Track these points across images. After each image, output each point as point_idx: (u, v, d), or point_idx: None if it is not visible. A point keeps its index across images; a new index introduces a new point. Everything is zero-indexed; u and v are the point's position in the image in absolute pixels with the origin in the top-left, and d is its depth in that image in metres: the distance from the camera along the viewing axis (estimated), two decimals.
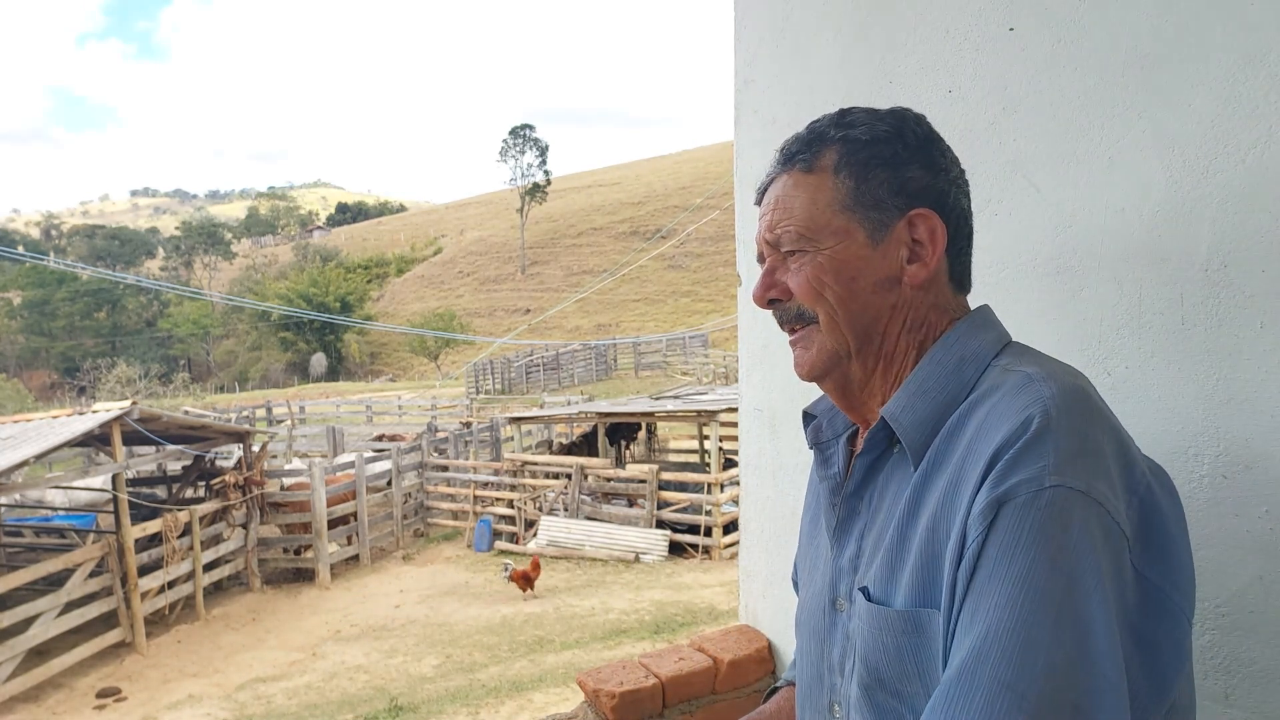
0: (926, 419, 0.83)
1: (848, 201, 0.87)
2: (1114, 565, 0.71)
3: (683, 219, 60.62)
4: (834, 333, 0.89)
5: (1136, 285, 1.06)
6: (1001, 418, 0.76)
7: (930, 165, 0.88)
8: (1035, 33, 1.16)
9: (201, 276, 75.66)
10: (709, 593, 11.04)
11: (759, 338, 1.73)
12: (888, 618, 0.81)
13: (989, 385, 0.81)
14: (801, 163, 0.90)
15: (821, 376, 0.92)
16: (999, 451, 0.73)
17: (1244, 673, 0.98)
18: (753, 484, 1.77)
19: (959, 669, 0.69)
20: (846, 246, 0.87)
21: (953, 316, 0.90)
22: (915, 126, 0.90)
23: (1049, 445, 0.71)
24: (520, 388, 33.81)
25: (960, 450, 0.78)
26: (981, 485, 0.73)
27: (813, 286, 0.88)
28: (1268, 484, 0.95)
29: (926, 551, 0.78)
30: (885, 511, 0.87)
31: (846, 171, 0.88)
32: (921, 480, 0.82)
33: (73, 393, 48.43)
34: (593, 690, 1.66)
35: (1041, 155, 1.17)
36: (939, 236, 0.87)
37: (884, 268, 0.87)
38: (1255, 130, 0.95)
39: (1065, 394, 0.75)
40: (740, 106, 1.74)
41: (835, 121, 0.90)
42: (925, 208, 0.87)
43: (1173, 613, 0.75)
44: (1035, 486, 0.70)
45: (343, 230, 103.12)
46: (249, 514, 13.44)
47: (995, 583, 0.69)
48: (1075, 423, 0.74)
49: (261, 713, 8.85)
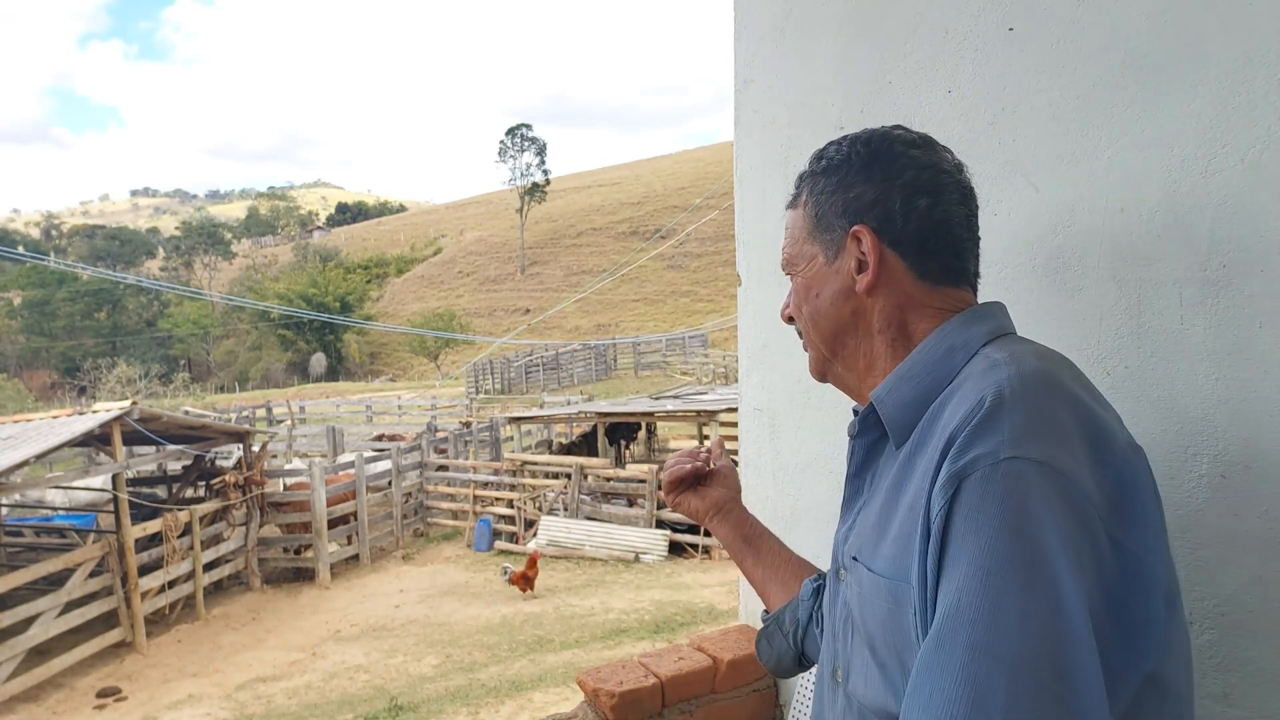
0: (910, 401, 0.89)
1: (811, 228, 1.00)
2: (1081, 530, 0.73)
3: (682, 219, 60.62)
4: (812, 345, 1.03)
5: (1136, 285, 1.06)
6: (963, 399, 0.80)
7: (873, 179, 0.95)
8: (1034, 33, 1.17)
9: (201, 276, 75.63)
10: (709, 592, 11.04)
11: (758, 338, 1.73)
12: (876, 585, 0.86)
13: (969, 371, 0.86)
14: (793, 199, 1.04)
15: (821, 378, 1.05)
16: (956, 430, 0.77)
17: (1243, 672, 0.98)
18: (753, 484, 1.77)
19: (936, 639, 0.72)
20: (811, 267, 1.00)
21: (943, 309, 0.94)
22: (863, 147, 0.97)
23: (1003, 420, 0.75)
24: (520, 388, 33.81)
25: (937, 432, 0.83)
26: (942, 463, 0.77)
27: (794, 306, 1.04)
28: (1267, 484, 0.95)
29: (905, 529, 0.82)
30: (879, 490, 0.93)
31: (811, 202, 1.00)
32: (906, 459, 0.87)
33: (73, 393, 48.48)
34: (593, 690, 1.66)
35: (1041, 155, 1.17)
36: (872, 246, 0.94)
37: (839, 281, 0.97)
38: (1254, 130, 0.95)
39: (1024, 375, 0.79)
40: (740, 106, 1.74)
41: (813, 157, 1.02)
42: (863, 222, 0.94)
43: (1150, 579, 0.77)
44: (992, 460, 0.73)
45: (343, 230, 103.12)
46: (249, 514, 13.44)
47: (963, 554, 0.72)
48: (1031, 400, 0.77)
49: (261, 712, 8.85)
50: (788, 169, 1.58)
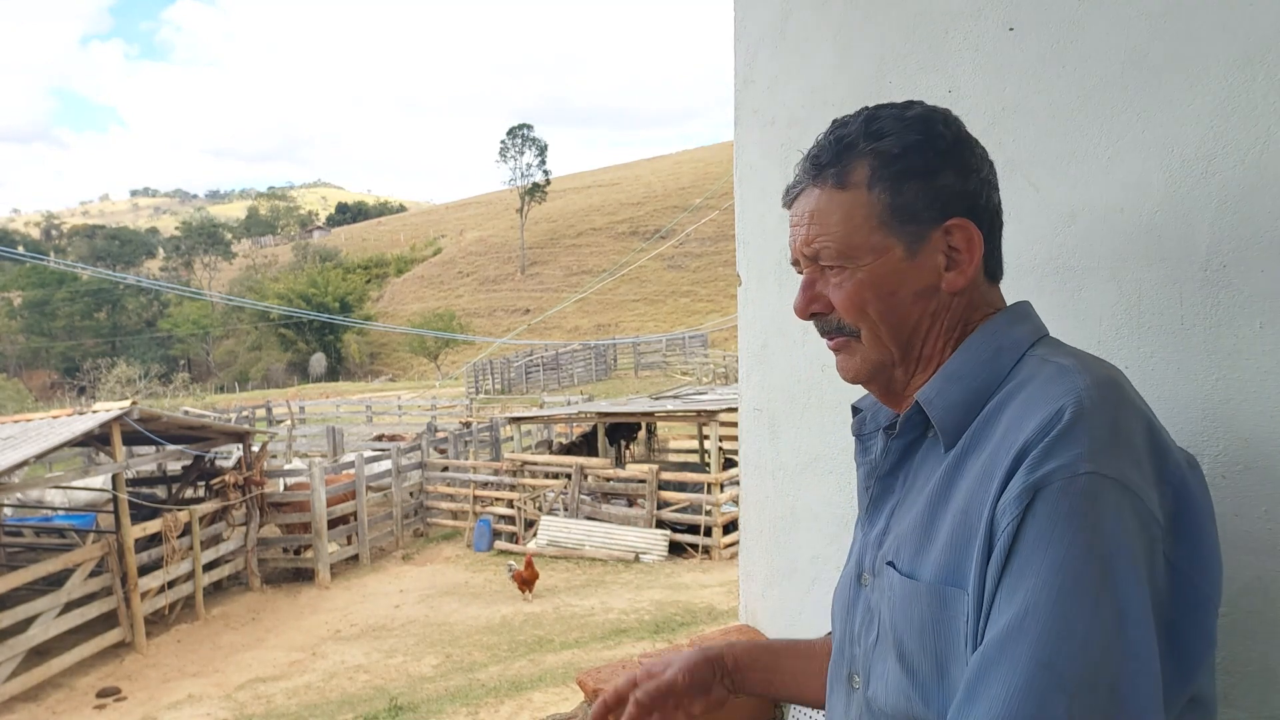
0: (959, 403, 0.85)
1: (884, 217, 0.87)
2: (1147, 552, 0.72)
3: (682, 219, 60.59)
4: (878, 346, 0.91)
5: (1136, 285, 1.06)
6: (1036, 406, 0.77)
7: (962, 169, 0.88)
8: (1035, 33, 1.16)
9: (201, 276, 75.57)
10: (709, 593, 11.04)
11: (758, 338, 1.73)
12: (916, 591, 0.83)
13: (1026, 374, 0.83)
14: (833, 177, 0.89)
15: (868, 382, 0.95)
16: (1032, 439, 0.75)
17: (1244, 673, 0.98)
18: (752, 484, 1.77)
19: (998, 646, 0.71)
20: (885, 262, 0.88)
21: (988, 309, 0.92)
22: (944, 130, 0.89)
23: (1083, 433, 0.73)
24: (520, 388, 33.81)
25: (996, 436, 0.80)
26: (1015, 472, 0.75)
27: (855, 303, 0.89)
28: (1268, 484, 0.95)
29: (959, 534, 0.79)
30: (917, 491, 0.89)
31: (881, 187, 0.87)
32: (955, 462, 0.84)
33: (73, 393, 48.45)
34: (592, 690, 1.66)
35: (1041, 155, 1.17)
36: (975, 244, 0.88)
37: (922, 278, 0.88)
38: (1254, 130, 0.95)
39: (1099, 384, 0.77)
40: (740, 106, 1.74)
41: (864, 131, 0.89)
42: (960, 216, 0.88)
43: (1201, 601, 0.76)
44: (1069, 473, 0.71)
45: (342, 230, 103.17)
46: (249, 514, 13.44)
47: (1032, 566, 0.71)
48: (1108, 412, 0.75)
49: (261, 712, 8.85)
50: (787, 169, 1.58)
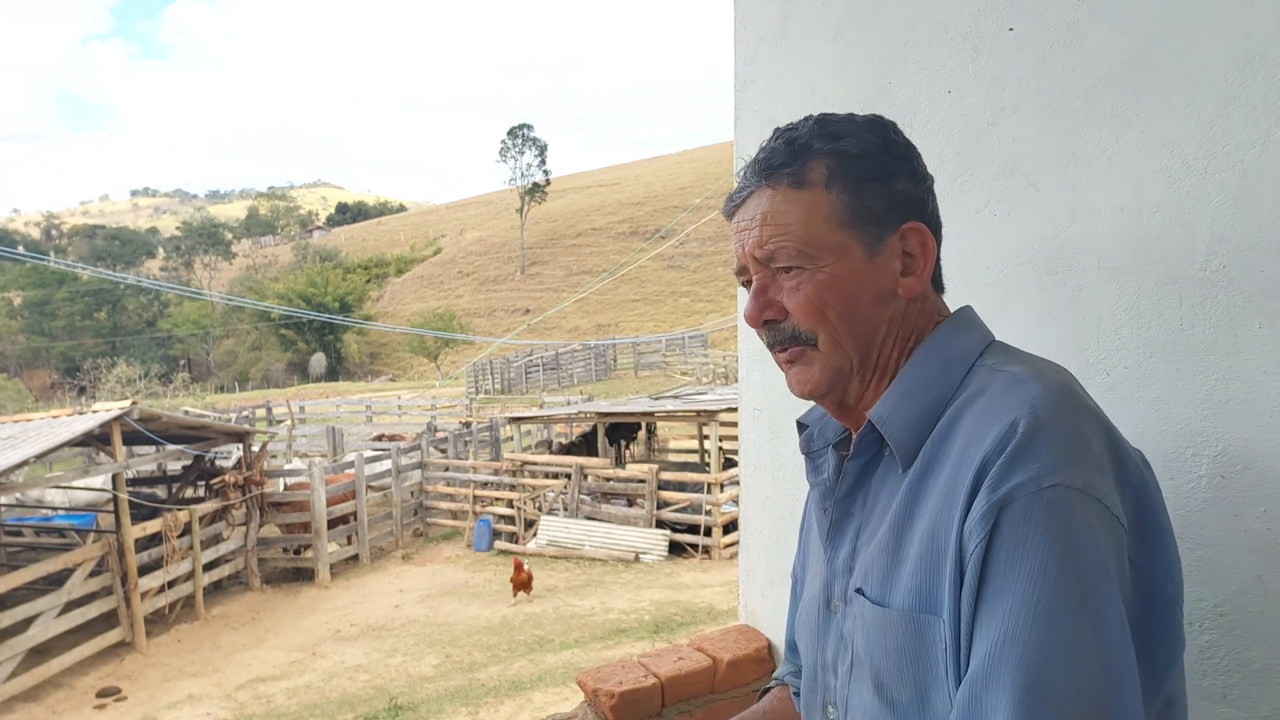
0: (914, 421, 0.84)
1: (845, 217, 0.86)
2: (1117, 560, 0.72)
3: (682, 219, 60.55)
4: (837, 352, 0.89)
5: (1136, 285, 1.06)
6: (990, 420, 0.76)
7: (914, 175, 0.89)
8: (1034, 33, 1.16)
9: (201, 276, 75.60)
10: (708, 592, 11.04)
11: (758, 338, 1.73)
12: (889, 619, 0.81)
13: (976, 386, 0.82)
14: (788, 177, 0.88)
15: (825, 395, 0.92)
16: (990, 455, 0.73)
17: (1242, 673, 0.98)
18: (752, 484, 1.77)
19: (984, 675, 0.70)
20: (846, 263, 0.86)
21: (938, 317, 0.91)
22: (897, 136, 0.90)
23: (1042, 446, 0.72)
24: (520, 388, 33.81)
25: (954, 453, 0.78)
26: (978, 490, 0.73)
27: (815, 306, 0.87)
28: (1266, 484, 0.95)
29: (928, 558, 0.78)
30: (879, 513, 0.87)
31: (840, 187, 0.86)
32: (916, 482, 0.82)
33: (73, 393, 48.42)
34: (592, 690, 1.66)
35: (1041, 155, 1.17)
36: (930, 249, 0.89)
37: (880, 281, 0.87)
38: (1253, 130, 0.95)
39: (1052, 392, 0.76)
40: (740, 106, 1.74)
41: (817, 132, 0.88)
42: (915, 219, 0.88)
43: (1167, 602, 0.77)
44: (1034, 488, 0.70)
45: (342, 230, 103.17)
46: (249, 514, 13.44)
47: (1007, 587, 0.70)
48: (1065, 420, 0.74)
49: (261, 712, 8.85)
50: None
